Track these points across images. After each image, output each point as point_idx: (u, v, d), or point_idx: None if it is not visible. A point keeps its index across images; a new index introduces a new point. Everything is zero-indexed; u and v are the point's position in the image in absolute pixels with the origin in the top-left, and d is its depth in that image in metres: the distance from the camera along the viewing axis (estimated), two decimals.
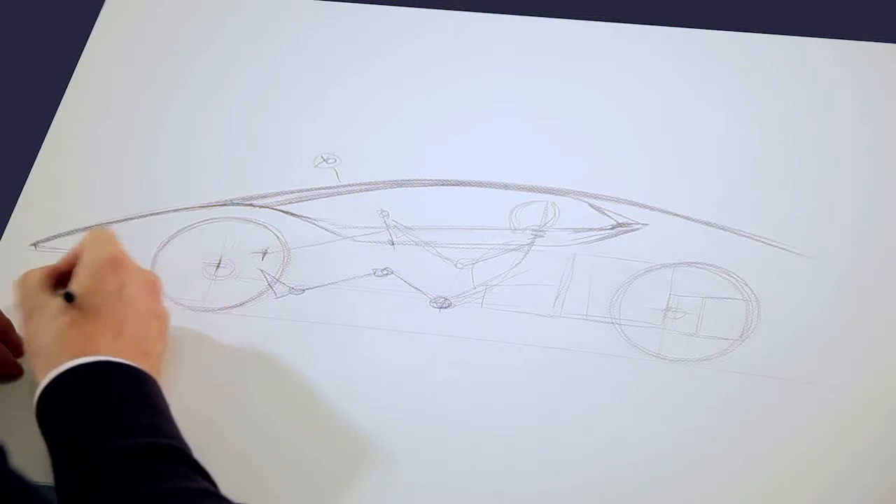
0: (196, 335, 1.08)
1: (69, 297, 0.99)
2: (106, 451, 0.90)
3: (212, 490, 0.91)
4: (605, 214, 1.13)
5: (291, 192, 1.16)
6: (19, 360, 1.05)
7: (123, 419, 0.93)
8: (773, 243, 1.10)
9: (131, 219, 1.15)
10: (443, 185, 1.16)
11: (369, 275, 1.11)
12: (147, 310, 1.02)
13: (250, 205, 1.16)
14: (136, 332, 1.00)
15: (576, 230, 1.12)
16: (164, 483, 0.89)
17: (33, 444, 0.99)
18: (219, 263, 1.12)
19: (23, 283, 1.03)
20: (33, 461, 0.92)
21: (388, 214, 1.14)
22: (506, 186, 1.15)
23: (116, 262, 1.02)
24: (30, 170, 1.19)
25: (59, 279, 1.03)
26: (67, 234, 1.14)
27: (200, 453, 0.94)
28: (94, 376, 0.95)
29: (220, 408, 1.03)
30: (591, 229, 1.12)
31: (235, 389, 1.05)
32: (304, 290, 1.10)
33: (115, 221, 1.15)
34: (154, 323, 1.03)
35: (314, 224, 1.14)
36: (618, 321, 1.07)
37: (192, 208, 1.16)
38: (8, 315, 1.05)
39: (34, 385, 1.02)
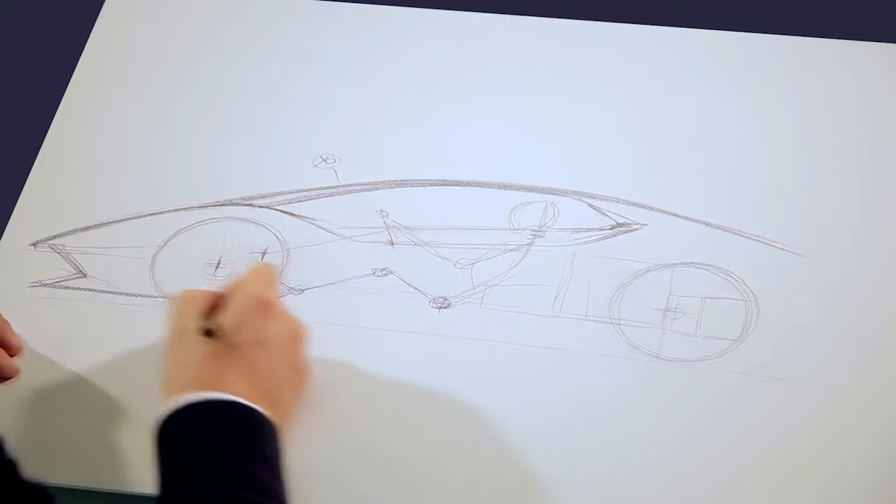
0: None
1: (208, 333, 0.97)
2: (194, 495, 0.88)
3: None
4: (605, 214, 1.13)
5: (291, 192, 1.16)
6: (16, 360, 1.05)
7: (225, 465, 0.90)
8: (772, 243, 1.10)
9: (131, 219, 1.15)
10: (442, 185, 1.16)
11: (369, 275, 1.11)
12: (285, 359, 0.99)
13: (250, 205, 1.16)
14: (267, 379, 0.97)
15: (575, 230, 1.12)
16: None
17: (30, 443, 1.00)
18: (218, 263, 1.12)
19: (181, 300, 1.00)
20: (30, 461, 0.92)
21: (388, 214, 1.14)
22: (505, 186, 1.15)
23: (266, 305, 0.99)
24: (30, 170, 1.19)
25: (217, 303, 1.00)
26: (67, 233, 1.14)
27: None
28: (213, 414, 0.93)
29: None
30: (590, 229, 1.12)
31: None
32: (303, 290, 1.10)
33: (114, 221, 1.15)
34: (290, 374, 0.99)
35: (314, 224, 1.14)
36: (617, 321, 1.07)
37: (192, 208, 1.16)
38: (4, 316, 1.06)
39: (30, 385, 1.03)
